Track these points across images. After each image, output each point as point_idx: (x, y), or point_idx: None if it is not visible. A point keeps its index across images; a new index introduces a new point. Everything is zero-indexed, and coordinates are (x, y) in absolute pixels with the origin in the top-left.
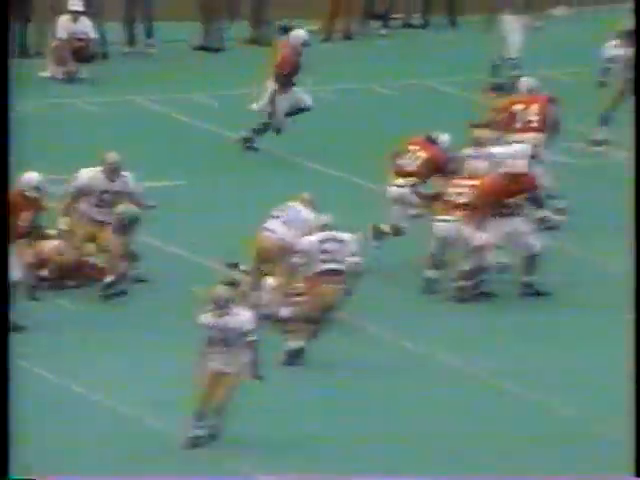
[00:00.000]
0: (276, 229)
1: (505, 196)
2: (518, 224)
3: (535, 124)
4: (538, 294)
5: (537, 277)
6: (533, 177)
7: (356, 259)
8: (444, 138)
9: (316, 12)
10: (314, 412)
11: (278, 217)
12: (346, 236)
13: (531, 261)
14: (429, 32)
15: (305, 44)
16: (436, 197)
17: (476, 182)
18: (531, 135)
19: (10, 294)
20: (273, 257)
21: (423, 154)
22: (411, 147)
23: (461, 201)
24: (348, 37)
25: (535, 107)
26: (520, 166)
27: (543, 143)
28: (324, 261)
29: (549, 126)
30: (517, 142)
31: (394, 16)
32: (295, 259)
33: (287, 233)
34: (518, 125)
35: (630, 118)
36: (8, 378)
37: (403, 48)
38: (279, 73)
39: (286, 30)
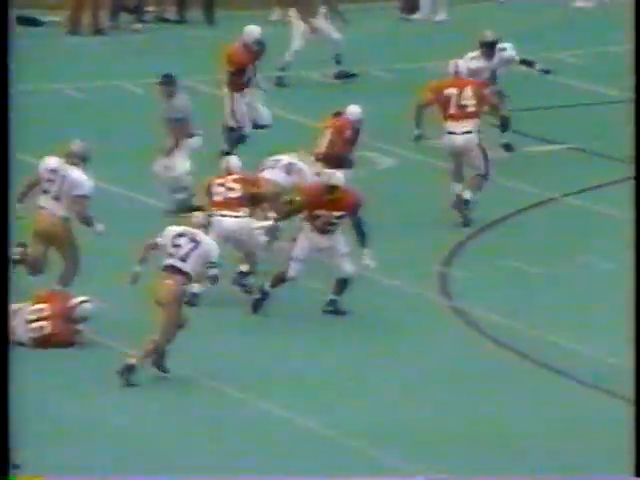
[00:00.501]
0: (47, 205)
1: (317, 206)
2: (335, 242)
3: (472, 109)
4: (337, 312)
5: (341, 297)
6: (351, 198)
7: (212, 266)
8: (354, 109)
9: (59, 2)
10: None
11: (48, 192)
12: (204, 238)
13: (340, 283)
14: (185, 28)
15: (258, 42)
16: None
17: (237, 176)
18: (468, 123)
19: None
20: (53, 236)
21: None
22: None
23: (234, 196)
24: (98, 31)
25: (469, 90)
26: (335, 179)
27: (478, 130)
28: (170, 255)
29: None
30: (451, 130)
31: (147, 9)
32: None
33: (59, 206)
34: (452, 110)
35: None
36: (7, 379)
37: (158, 44)
38: (227, 71)
39: (32, 22)
